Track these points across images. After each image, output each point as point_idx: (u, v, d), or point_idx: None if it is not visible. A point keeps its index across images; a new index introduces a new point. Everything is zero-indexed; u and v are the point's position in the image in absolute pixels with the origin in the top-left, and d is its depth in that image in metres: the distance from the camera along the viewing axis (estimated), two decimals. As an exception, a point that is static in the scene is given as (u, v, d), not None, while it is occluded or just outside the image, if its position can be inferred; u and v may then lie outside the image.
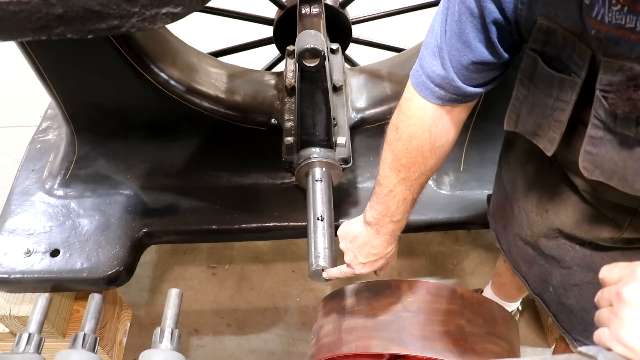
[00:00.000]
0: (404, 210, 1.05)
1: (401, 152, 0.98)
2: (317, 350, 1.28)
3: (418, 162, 0.98)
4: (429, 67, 0.90)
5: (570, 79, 0.77)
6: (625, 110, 0.70)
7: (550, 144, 0.86)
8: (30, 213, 1.59)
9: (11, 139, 2.61)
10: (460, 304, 1.25)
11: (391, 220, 1.06)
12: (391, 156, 1.00)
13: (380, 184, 1.04)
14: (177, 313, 1.10)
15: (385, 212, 1.05)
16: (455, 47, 0.86)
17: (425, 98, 0.93)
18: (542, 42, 0.78)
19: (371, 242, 1.10)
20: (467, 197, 1.65)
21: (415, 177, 1.00)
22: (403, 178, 1.00)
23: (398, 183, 1.01)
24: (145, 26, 0.82)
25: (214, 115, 1.55)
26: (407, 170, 1.00)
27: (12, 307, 1.50)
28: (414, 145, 0.96)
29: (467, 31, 0.83)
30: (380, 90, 1.68)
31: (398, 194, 1.02)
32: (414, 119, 0.95)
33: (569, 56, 0.76)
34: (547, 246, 1.10)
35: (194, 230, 1.59)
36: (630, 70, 0.68)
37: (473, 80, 0.89)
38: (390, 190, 1.03)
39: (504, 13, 0.79)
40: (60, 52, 1.36)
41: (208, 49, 1.93)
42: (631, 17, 0.65)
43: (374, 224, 1.08)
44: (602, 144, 0.77)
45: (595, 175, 0.81)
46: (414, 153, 0.97)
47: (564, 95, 0.80)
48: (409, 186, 1.02)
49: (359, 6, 1.95)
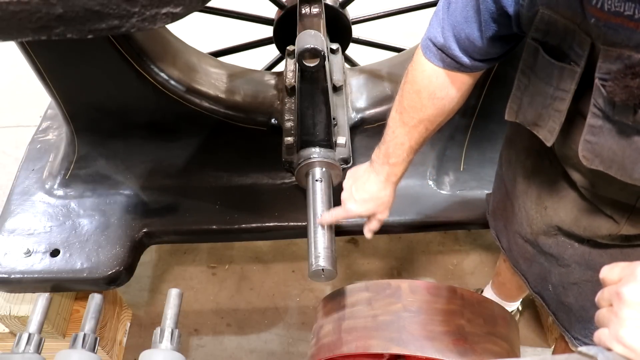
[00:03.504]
0: (401, 155, 1.11)
1: (405, 93, 1.05)
2: (317, 350, 1.28)
3: (417, 107, 1.04)
4: (432, 32, 0.97)
5: (570, 67, 0.79)
6: (623, 98, 0.71)
7: (550, 134, 0.88)
8: (30, 213, 1.59)
9: (11, 139, 2.62)
10: (460, 304, 1.25)
11: (388, 162, 1.12)
12: (398, 98, 1.08)
13: (387, 125, 1.12)
14: (177, 313, 1.10)
15: (385, 152, 1.12)
16: (455, 21, 0.91)
17: (429, 60, 1.00)
18: (544, 32, 0.80)
19: (368, 180, 1.17)
20: (467, 197, 1.65)
21: (414, 123, 1.06)
22: (403, 122, 1.07)
23: (399, 125, 1.08)
24: (145, 26, 0.82)
25: (214, 115, 1.55)
26: (407, 114, 1.06)
27: (12, 307, 1.50)
28: (415, 89, 1.03)
29: (468, 8, 0.89)
30: (380, 90, 1.68)
31: (397, 136, 1.09)
32: (419, 66, 1.03)
33: (569, 45, 0.78)
34: (547, 244, 1.10)
35: (194, 230, 1.59)
36: (629, 58, 0.69)
37: (470, 53, 0.94)
38: (392, 132, 1.10)
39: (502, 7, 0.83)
40: (60, 52, 1.36)
41: (208, 49, 1.93)
42: (630, 5, 0.66)
43: (374, 161, 1.16)
44: (601, 133, 0.78)
45: (595, 165, 0.82)
46: (413, 96, 1.04)
47: (563, 84, 0.81)
48: (407, 131, 1.08)
49: (359, 6, 1.95)
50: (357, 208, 1.18)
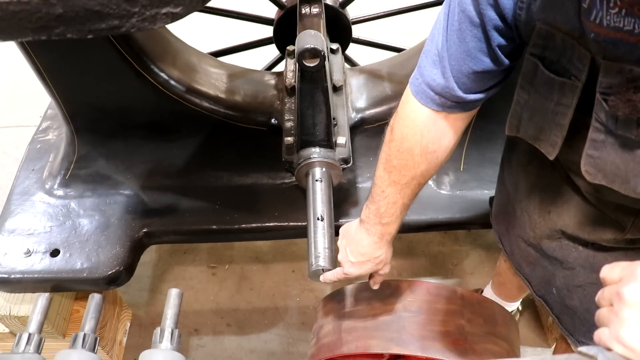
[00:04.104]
0: (394, 214, 1.05)
1: (393, 153, 0.99)
2: (317, 350, 1.28)
3: (408, 165, 0.98)
4: (429, 75, 0.90)
5: (570, 82, 0.77)
6: (626, 112, 0.70)
7: (552, 148, 0.87)
8: (30, 213, 1.59)
9: (11, 139, 2.61)
10: (460, 304, 1.25)
11: (380, 222, 1.06)
12: (385, 156, 1.01)
13: (374, 184, 1.05)
14: (177, 313, 1.10)
15: (376, 212, 1.06)
16: (456, 57, 0.86)
17: (426, 105, 0.93)
18: (542, 47, 0.79)
19: (361, 242, 1.10)
20: (467, 197, 1.65)
21: (406, 181, 1.00)
22: (394, 180, 1.01)
23: (389, 184, 1.02)
24: (145, 26, 0.82)
25: (214, 115, 1.55)
26: (397, 173, 1.00)
27: (12, 307, 1.50)
28: (405, 147, 0.97)
29: (467, 40, 0.83)
30: (380, 90, 1.68)
31: (389, 196, 1.03)
32: (407, 120, 0.96)
33: (568, 60, 0.76)
34: (550, 247, 1.10)
35: (194, 230, 1.59)
36: (630, 72, 0.68)
37: (474, 89, 0.90)
38: (382, 191, 1.03)
39: (504, 19, 0.80)
40: (60, 52, 1.36)
41: (208, 49, 1.93)
42: (629, 20, 0.65)
43: (365, 222, 1.09)
44: (603, 147, 0.77)
45: (598, 179, 0.81)
46: (404, 155, 0.98)
47: (564, 99, 0.80)
48: (399, 189, 1.02)
49: (359, 6, 1.95)
50: (355, 270, 1.13)
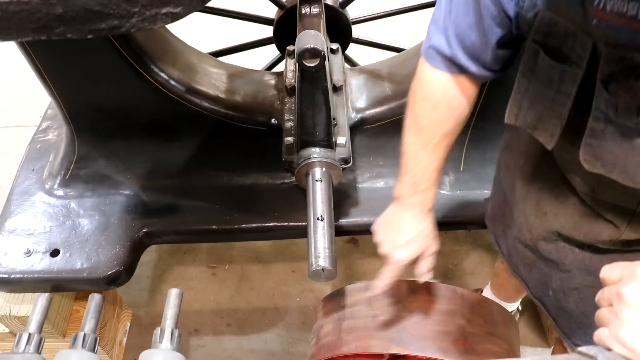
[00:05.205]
0: (430, 179, 1.04)
1: (420, 112, 1.00)
2: (317, 350, 1.28)
3: (436, 122, 0.99)
4: (436, 41, 0.93)
5: (571, 70, 0.77)
6: (626, 100, 0.70)
7: (550, 138, 0.86)
8: (30, 213, 1.59)
9: (11, 139, 2.61)
10: (460, 304, 1.25)
11: (417, 191, 1.04)
12: (411, 120, 1.01)
13: (404, 154, 1.04)
14: (177, 313, 1.10)
15: (411, 182, 1.04)
16: (460, 29, 0.89)
17: (437, 68, 0.96)
18: (544, 34, 0.79)
19: (402, 221, 1.07)
20: (467, 197, 1.64)
21: (436, 140, 1.00)
22: (424, 142, 1.00)
23: (420, 148, 1.01)
24: (145, 26, 0.82)
25: (214, 115, 1.55)
26: (427, 133, 1.00)
27: (12, 307, 1.50)
28: (430, 105, 0.98)
29: (470, 14, 0.87)
30: (380, 90, 1.68)
31: (421, 160, 1.02)
32: (427, 81, 0.98)
33: (570, 47, 0.76)
34: (546, 249, 1.09)
35: (194, 230, 1.59)
36: (632, 60, 0.68)
37: (478, 60, 0.92)
38: (413, 157, 1.02)
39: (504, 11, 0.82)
40: (60, 52, 1.36)
41: (208, 49, 1.93)
42: (633, 5, 0.65)
43: (401, 197, 1.07)
44: (603, 136, 0.77)
45: (596, 168, 0.80)
46: (431, 113, 0.99)
47: (564, 87, 0.80)
48: (430, 152, 1.01)
49: (359, 6, 1.95)
50: (404, 254, 1.07)
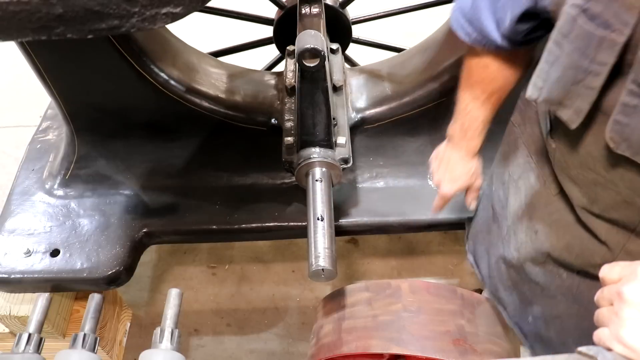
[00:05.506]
0: (477, 129, 1.12)
1: (472, 69, 1.05)
2: (317, 350, 1.28)
3: (485, 80, 1.04)
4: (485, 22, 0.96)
5: (611, 38, 0.71)
6: None
7: (576, 116, 0.79)
8: (30, 213, 1.59)
9: (11, 139, 2.61)
10: (460, 304, 1.25)
11: (465, 136, 1.14)
12: (465, 74, 1.08)
13: (458, 101, 1.13)
14: (177, 313, 1.10)
15: (461, 128, 1.14)
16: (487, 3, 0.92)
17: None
18: None
19: (451, 159, 1.20)
20: (467, 197, 1.64)
21: (485, 96, 1.06)
22: (474, 97, 1.08)
23: (471, 101, 1.09)
24: (145, 26, 0.82)
25: (214, 115, 1.55)
26: (477, 88, 1.06)
27: (12, 307, 1.50)
28: (482, 64, 1.03)
29: None
30: (380, 90, 1.68)
31: (471, 112, 1.10)
32: None
33: (614, 12, 0.70)
34: (533, 271, 1.05)
35: (194, 230, 1.59)
36: None
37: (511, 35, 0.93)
38: (464, 107, 1.11)
39: None
40: (60, 52, 1.36)
41: (208, 49, 1.93)
42: None
43: (452, 138, 1.18)
44: (635, 114, 0.71)
45: (622, 149, 0.74)
46: (481, 71, 1.03)
47: (601, 56, 0.73)
48: (479, 105, 1.08)
49: (359, 6, 1.95)
50: (451, 187, 1.22)
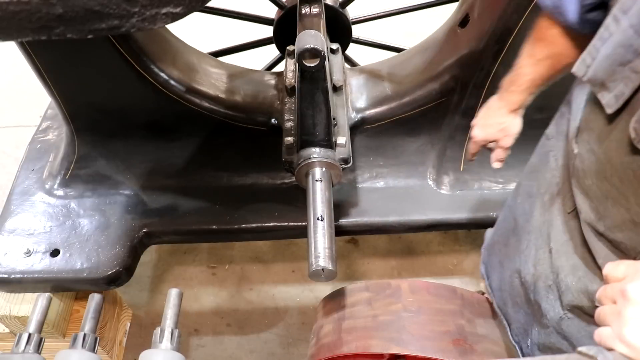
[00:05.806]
0: (522, 85, 1.14)
1: (539, 27, 1.07)
2: (317, 350, 1.28)
3: (546, 41, 1.06)
4: None
5: None
6: None
7: (615, 100, 0.77)
8: (30, 213, 1.59)
9: (11, 139, 2.61)
10: (460, 304, 1.25)
11: (509, 89, 1.16)
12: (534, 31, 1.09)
13: (518, 55, 1.15)
14: (177, 313, 1.10)
15: (509, 80, 1.16)
16: None
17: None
18: None
19: (491, 106, 1.23)
20: (467, 197, 1.64)
21: (541, 57, 1.08)
22: (531, 53, 1.10)
23: (526, 56, 1.11)
24: (145, 26, 0.82)
25: (214, 115, 1.55)
26: (536, 46, 1.08)
27: (12, 307, 1.50)
28: (546, 24, 1.04)
29: None
30: (380, 90, 1.68)
31: (522, 67, 1.12)
32: None
33: None
34: (540, 293, 1.04)
35: (194, 230, 1.59)
36: None
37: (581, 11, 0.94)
38: (519, 62, 1.13)
39: None
40: (60, 52, 1.36)
41: (208, 49, 1.93)
42: None
43: (501, 88, 1.19)
44: None
45: None
46: (546, 30, 1.05)
47: None
48: (532, 63, 1.10)
49: (359, 6, 1.95)
50: (478, 132, 1.25)
